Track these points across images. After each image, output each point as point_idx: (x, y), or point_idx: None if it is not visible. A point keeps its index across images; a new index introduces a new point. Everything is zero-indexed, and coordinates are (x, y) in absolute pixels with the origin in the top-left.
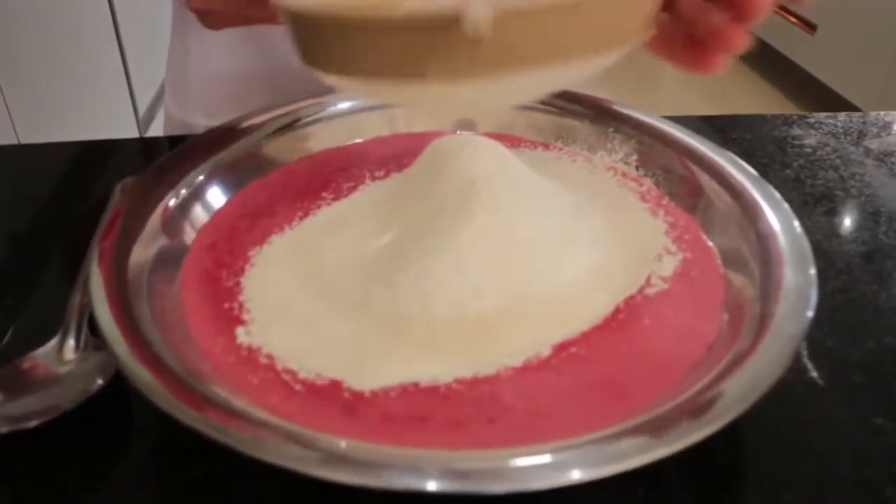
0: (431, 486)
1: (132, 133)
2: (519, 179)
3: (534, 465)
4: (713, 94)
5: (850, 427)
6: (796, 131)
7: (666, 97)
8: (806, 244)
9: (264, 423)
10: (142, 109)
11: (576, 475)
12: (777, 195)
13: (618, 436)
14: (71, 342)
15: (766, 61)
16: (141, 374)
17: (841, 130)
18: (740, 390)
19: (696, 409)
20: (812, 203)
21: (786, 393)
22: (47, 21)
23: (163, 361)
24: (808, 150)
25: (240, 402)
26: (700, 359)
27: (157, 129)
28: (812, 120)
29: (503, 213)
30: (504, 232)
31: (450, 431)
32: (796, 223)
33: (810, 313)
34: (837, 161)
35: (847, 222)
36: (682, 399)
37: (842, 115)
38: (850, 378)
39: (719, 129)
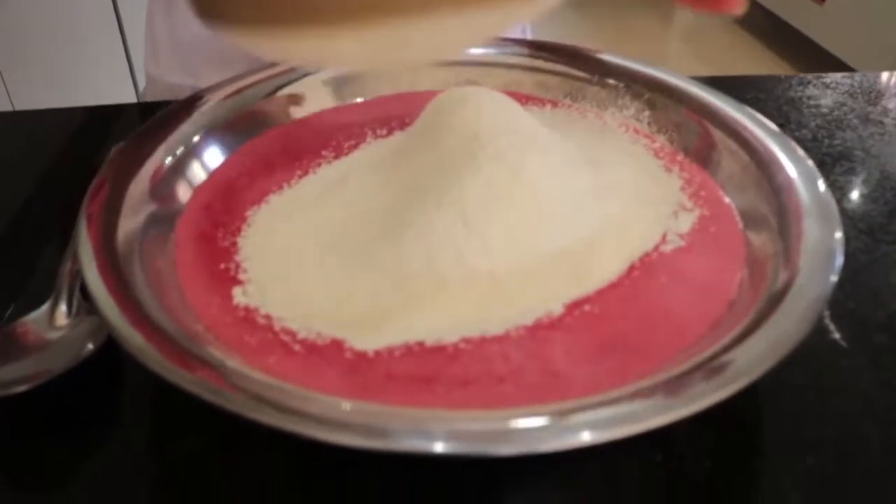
0: (438, 447)
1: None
2: (527, 132)
3: (544, 426)
4: (719, 65)
5: (874, 389)
6: (812, 91)
7: (670, 67)
8: (829, 198)
9: (262, 385)
10: (141, 84)
11: (587, 437)
12: (798, 150)
13: (632, 396)
14: (63, 307)
15: (774, 32)
16: (131, 336)
17: (858, 90)
18: (762, 351)
19: (715, 369)
20: (830, 163)
21: (807, 355)
22: None
23: (155, 323)
24: (825, 110)
25: (236, 364)
26: (719, 318)
27: None
28: (828, 80)
29: (511, 165)
30: (512, 185)
31: (457, 392)
32: (819, 178)
33: (835, 275)
34: (855, 121)
35: (867, 182)
36: (700, 359)
37: (858, 76)
38: (873, 340)
39: (733, 89)
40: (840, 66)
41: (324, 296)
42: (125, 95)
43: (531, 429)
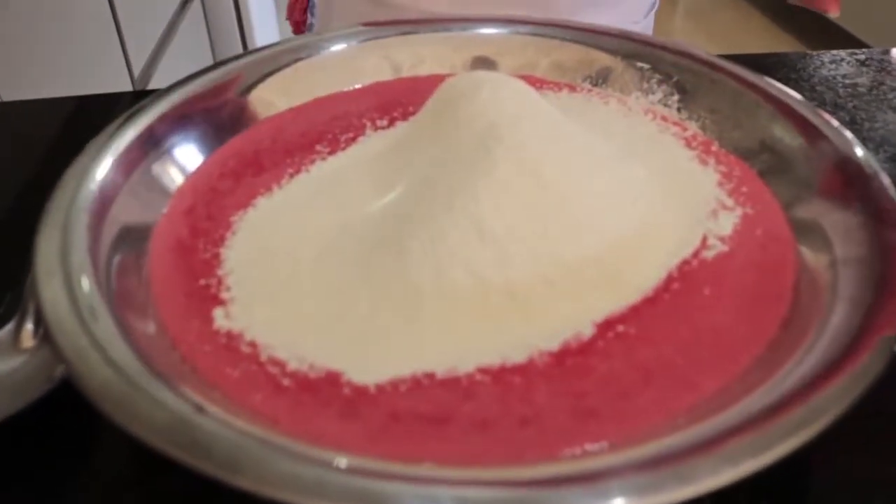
0: None
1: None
2: (548, 123)
3: (584, 494)
4: (727, 42)
5: None
6: (846, 69)
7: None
8: (890, 189)
9: (242, 438)
10: (137, 69)
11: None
12: (850, 136)
13: (692, 448)
14: (29, 326)
15: (781, 7)
16: (90, 372)
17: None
18: (839, 382)
19: (784, 407)
20: (873, 148)
21: None
22: None
23: (117, 355)
24: (863, 89)
25: (214, 407)
26: (776, 337)
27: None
28: (863, 56)
29: (531, 162)
30: (533, 185)
31: (474, 437)
32: (877, 167)
33: None
34: None
35: None
36: (764, 389)
37: (894, 50)
38: None
39: (761, 68)
40: (851, 40)
41: (317, 317)
42: (120, 84)
43: (567, 496)
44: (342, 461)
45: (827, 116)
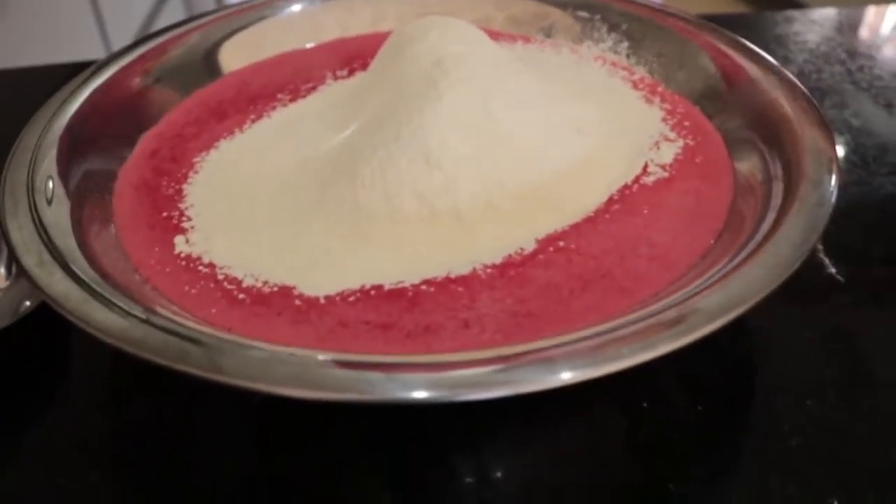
0: (419, 394)
1: None
2: (495, 60)
3: (514, 366)
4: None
5: (879, 326)
6: (798, 27)
7: None
8: (820, 118)
9: (194, 331)
10: (114, 39)
11: (565, 376)
12: (789, 74)
13: (615, 331)
14: (1, 270)
15: None
16: (50, 282)
17: (846, 25)
18: (752, 282)
19: (703, 301)
20: (819, 97)
21: (803, 291)
22: None
23: (79, 271)
24: (812, 45)
25: (167, 313)
26: (707, 249)
27: None
28: (815, 16)
29: (477, 94)
30: (478, 115)
31: (417, 338)
32: (813, 103)
33: (832, 197)
34: (844, 55)
35: (858, 115)
36: (686, 291)
37: (845, 11)
38: (873, 275)
39: None
40: (792, 3)
41: (273, 241)
42: (92, 50)
43: (499, 370)
44: (289, 351)
45: (764, 53)
